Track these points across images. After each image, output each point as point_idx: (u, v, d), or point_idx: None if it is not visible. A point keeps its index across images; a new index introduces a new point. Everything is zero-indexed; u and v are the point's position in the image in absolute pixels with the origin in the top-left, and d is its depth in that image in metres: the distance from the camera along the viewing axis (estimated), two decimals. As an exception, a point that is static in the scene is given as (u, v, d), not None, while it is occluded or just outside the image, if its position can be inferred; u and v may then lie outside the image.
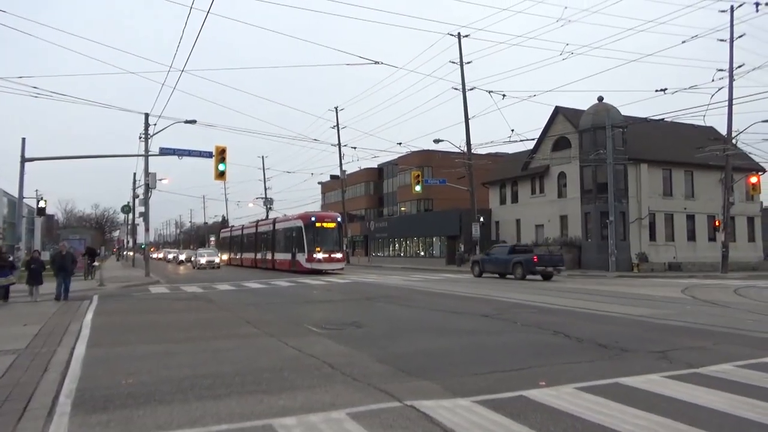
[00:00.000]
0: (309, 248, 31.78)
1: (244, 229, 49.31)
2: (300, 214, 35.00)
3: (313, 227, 32.40)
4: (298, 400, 5.51)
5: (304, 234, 32.24)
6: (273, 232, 38.86)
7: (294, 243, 33.66)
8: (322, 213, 36.27)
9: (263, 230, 41.98)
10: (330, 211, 40.38)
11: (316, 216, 33.34)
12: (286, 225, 36.32)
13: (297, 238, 33.15)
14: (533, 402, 5.35)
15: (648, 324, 10.88)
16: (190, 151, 25.65)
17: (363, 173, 72.01)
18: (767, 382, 6.07)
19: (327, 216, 34.21)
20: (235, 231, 53.37)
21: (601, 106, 35.18)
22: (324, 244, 32.33)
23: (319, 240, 32.27)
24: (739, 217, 40.35)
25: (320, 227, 32.62)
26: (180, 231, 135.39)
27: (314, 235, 32.12)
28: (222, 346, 8.72)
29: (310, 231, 32.17)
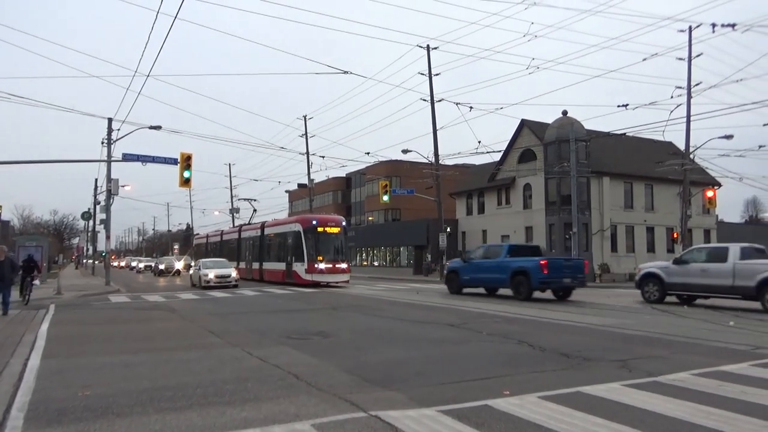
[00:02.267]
0: (309, 257, 27.21)
1: (224, 234, 43.83)
2: (297, 217, 31.40)
3: (314, 232, 27.90)
4: (262, 412, 5.42)
5: (303, 240, 27.67)
6: (261, 238, 34.08)
7: (290, 251, 29.02)
8: (324, 216, 31.03)
9: (248, 236, 36.76)
10: (333, 214, 35.17)
11: (317, 219, 28.87)
12: (279, 230, 31.57)
13: (294, 244, 28.56)
14: (497, 411, 5.38)
15: (609, 333, 11.10)
16: (154, 158, 25.15)
17: (331, 182, 71.88)
18: (722, 390, 6.24)
19: (330, 219, 29.48)
20: (213, 237, 47.35)
21: (565, 120, 35.98)
22: (327, 252, 27.79)
23: (321, 247, 27.83)
24: (696, 230, 41.65)
25: (322, 232, 28.12)
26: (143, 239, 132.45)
27: (315, 242, 27.69)
28: (184, 357, 8.53)
29: (311, 237, 27.75)
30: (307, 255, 27.32)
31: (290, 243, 29.11)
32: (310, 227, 28.07)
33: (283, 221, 33.18)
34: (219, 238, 44.53)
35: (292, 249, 28.79)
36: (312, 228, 28.00)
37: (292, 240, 28.88)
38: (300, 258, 27.76)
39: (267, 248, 33.08)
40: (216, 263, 30.46)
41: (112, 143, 29.30)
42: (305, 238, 27.72)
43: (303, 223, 28.67)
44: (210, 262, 30.99)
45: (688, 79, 30.28)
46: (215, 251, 43.77)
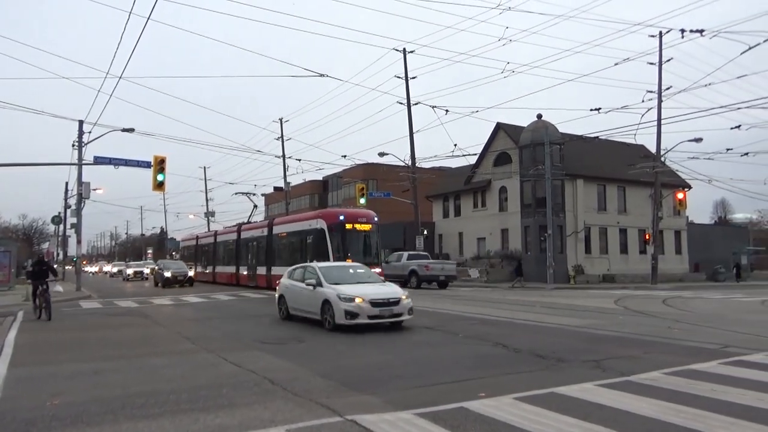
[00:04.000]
0: (336, 259, 22.23)
1: (219, 235, 38.23)
2: (320, 212, 26.13)
3: (341, 230, 23.32)
4: (236, 418, 5.35)
5: (327, 239, 23.06)
6: (269, 238, 29.15)
7: (309, 252, 24.08)
8: (352, 210, 26.16)
9: (251, 236, 31.70)
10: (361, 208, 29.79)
11: (345, 214, 24.14)
12: (294, 228, 26.75)
13: (315, 245, 23.83)
14: (473, 413, 5.41)
15: (583, 334, 11.24)
16: (127, 161, 24.72)
17: (307, 185, 71.55)
18: (692, 388, 6.37)
19: (360, 214, 24.64)
20: (205, 238, 41.86)
21: (540, 123, 36.44)
22: (357, 254, 22.82)
23: (351, 248, 23.23)
24: (667, 231, 42.49)
25: (351, 230, 23.52)
26: (115, 243, 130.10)
27: (342, 241, 23.17)
28: (157, 364, 8.39)
29: (337, 235, 23.18)
30: (332, 256, 22.41)
31: (310, 243, 24.53)
32: (336, 224, 23.39)
33: (300, 217, 28.21)
34: (212, 239, 39.08)
35: (312, 250, 23.94)
36: (339, 225, 23.37)
37: (313, 239, 24.12)
38: (324, 260, 22.37)
39: (277, 250, 28.28)
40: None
41: (84, 146, 28.73)
42: (330, 237, 23.09)
43: (327, 218, 23.81)
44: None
45: (658, 83, 30.95)
46: (207, 255, 39.02)
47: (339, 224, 23.40)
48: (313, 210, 55.33)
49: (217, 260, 36.94)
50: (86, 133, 28.98)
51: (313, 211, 28.20)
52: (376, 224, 24.45)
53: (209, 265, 38.53)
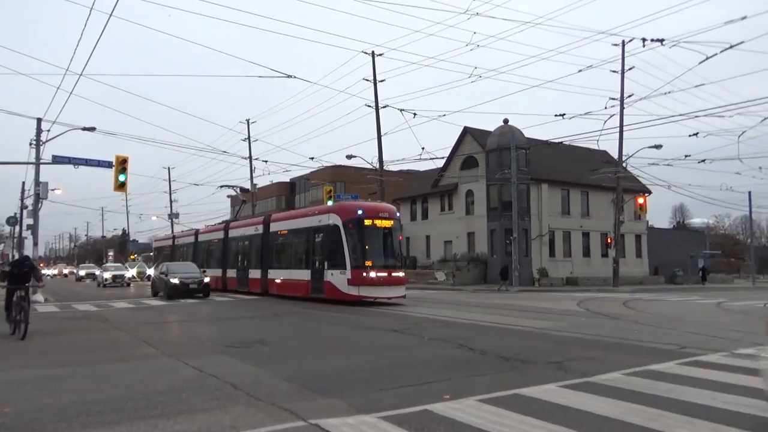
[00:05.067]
0: (354, 262, 19.27)
1: (201, 234, 34.41)
2: (333, 206, 23.03)
3: (359, 226, 19.80)
4: (196, 424, 5.22)
5: (343, 237, 19.66)
6: (265, 236, 25.57)
7: (319, 253, 21.09)
8: (371, 204, 22.22)
9: (242, 235, 28.18)
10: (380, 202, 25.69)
11: (363, 208, 20.52)
12: (299, 224, 23.03)
13: (327, 244, 20.56)
14: (437, 416, 5.40)
15: (546, 336, 11.40)
16: (87, 160, 24.03)
17: (275, 187, 70.89)
18: (651, 388, 6.50)
19: (381, 208, 21.05)
20: (183, 238, 37.44)
21: (506, 128, 36.94)
22: (377, 255, 20.07)
23: (370, 248, 20.04)
24: (628, 235, 43.57)
25: (371, 226, 20.01)
26: (74, 245, 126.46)
27: (361, 240, 19.84)
28: (115, 369, 8.14)
29: (355, 232, 19.75)
30: (350, 259, 19.27)
31: (319, 242, 21.28)
32: (353, 219, 19.89)
33: (305, 212, 24.42)
34: (192, 239, 35.58)
35: (323, 250, 20.84)
36: (356, 220, 19.87)
37: (325, 238, 20.77)
38: (338, 263, 19.64)
39: (275, 250, 24.98)
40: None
41: (42, 145, 27.83)
42: (346, 235, 19.65)
43: (343, 213, 20.37)
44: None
45: (621, 90, 31.75)
46: (186, 257, 34.54)
47: (357, 220, 19.82)
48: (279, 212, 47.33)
49: (199, 263, 32.50)
50: (45, 132, 28.06)
51: (324, 205, 24.90)
52: (398, 220, 21.24)
53: None
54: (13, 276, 12.04)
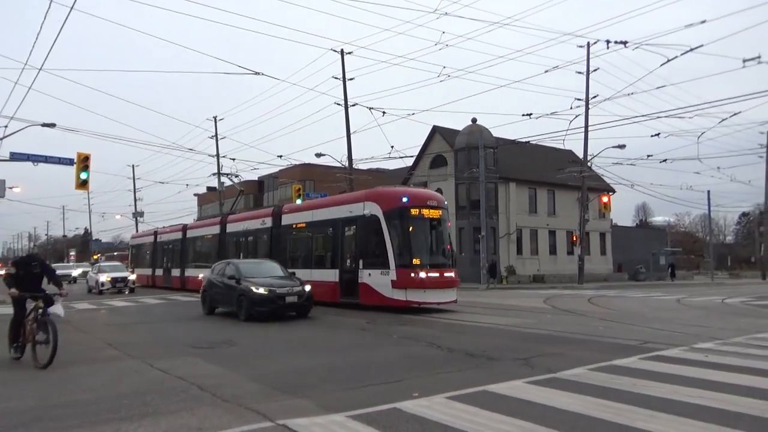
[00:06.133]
0: (400, 260, 15.87)
1: (190, 230, 30.85)
2: (370, 193, 17.96)
3: (404, 217, 16.41)
4: (161, 426, 5.12)
5: (386, 230, 16.21)
6: (274, 231, 22.11)
7: (354, 250, 17.50)
8: (417, 190, 18.60)
9: (244, 230, 24.67)
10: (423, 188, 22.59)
11: (408, 195, 16.98)
12: (326, 216, 19.21)
13: (365, 239, 17.12)
14: (406, 414, 5.42)
15: (513, 333, 11.55)
16: (47, 157, 23.33)
17: (242, 185, 70.00)
18: (614, 383, 6.65)
19: (429, 196, 17.64)
20: (168, 234, 33.44)
21: (474, 127, 37.28)
22: (426, 252, 16.77)
23: (419, 243, 16.68)
24: (593, 233, 44.48)
25: (418, 217, 16.61)
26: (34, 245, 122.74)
27: (407, 234, 16.41)
28: (76, 372, 7.93)
29: (398, 224, 16.36)
30: (394, 256, 15.95)
31: (352, 236, 17.82)
32: (397, 208, 16.46)
33: (331, 201, 20.38)
34: (179, 235, 31.52)
35: (357, 246, 17.40)
36: (401, 209, 16.45)
37: (360, 230, 17.34)
38: (378, 261, 16.25)
39: (291, 246, 21.42)
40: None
41: (-2, 141, 26.89)
42: (389, 227, 16.22)
43: (383, 200, 16.83)
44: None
45: (586, 91, 32.35)
46: (172, 255, 31.71)
47: (401, 209, 16.44)
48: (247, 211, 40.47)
49: (189, 262, 29.59)
50: (2, 128, 27.13)
51: (357, 192, 20.12)
52: (446, 209, 17.79)
53: (175, 268, 31.20)
54: (20, 280, 8.83)
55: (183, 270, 30.16)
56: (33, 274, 9.06)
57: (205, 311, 16.30)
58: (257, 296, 14.20)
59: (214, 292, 16.20)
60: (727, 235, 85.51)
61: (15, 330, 8.89)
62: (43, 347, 8.26)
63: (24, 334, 8.76)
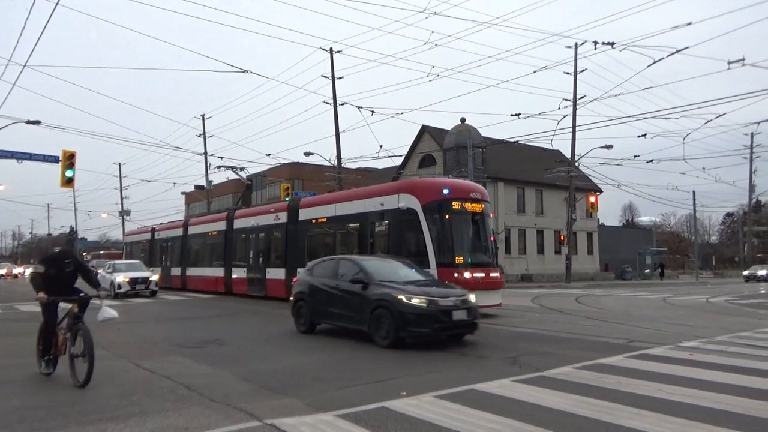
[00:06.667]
0: (442, 258, 14.37)
1: (192, 226, 28.69)
2: (406, 183, 17.03)
3: (446, 211, 14.81)
4: (148, 427, 5.08)
5: (425, 225, 14.61)
6: (289, 227, 20.36)
7: (387, 247, 15.81)
8: (458, 181, 17.01)
9: (253, 225, 22.67)
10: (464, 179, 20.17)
11: (450, 186, 15.42)
12: (351, 209, 17.56)
13: (400, 234, 15.58)
14: (394, 413, 5.42)
15: (502, 332, 11.60)
16: (32, 155, 23.06)
17: (230, 184, 69.68)
18: (601, 381, 6.70)
19: (472, 187, 15.97)
20: (167, 231, 31.36)
21: (463, 127, 37.36)
22: (470, 250, 15.14)
23: (462, 240, 15.14)
24: (581, 233, 44.80)
25: (460, 211, 15.04)
26: (18, 243, 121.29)
27: (449, 230, 14.85)
28: (61, 372, 7.81)
29: (439, 219, 14.77)
30: (435, 254, 14.33)
31: (384, 232, 16.14)
32: (438, 201, 14.86)
33: (361, 193, 18.00)
34: (179, 231, 29.37)
35: (392, 244, 15.66)
36: (442, 202, 14.86)
37: (394, 225, 15.68)
38: (420, 260, 13.96)
39: (310, 244, 19.55)
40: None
41: (-18, 138, 26.55)
42: (428, 222, 14.61)
43: (421, 192, 15.20)
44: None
45: (574, 92, 32.56)
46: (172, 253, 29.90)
47: (442, 202, 14.81)
48: None
49: (190, 260, 27.69)
50: (-15, 125, 26.81)
51: (391, 183, 18.07)
52: (489, 203, 16.18)
53: (175, 267, 29.35)
54: (50, 281, 7.34)
55: (184, 269, 28.24)
56: (65, 274, 7.52)
57: (302, 328, 11.68)
58: (412, 311, 9.39)
59: (319, 300, 11.43)
60: (712, 235, 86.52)
61: (45, 340, 7.45)
62: (79, 361, 6.84)
63: (56, 345, 7.36)
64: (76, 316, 7.16)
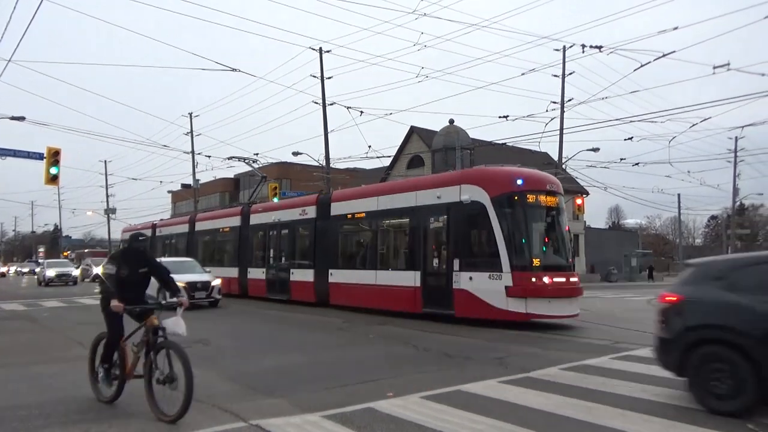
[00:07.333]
0: (517, 260, 12.44)
1: (199, 222, 26.51)
2: (470, 174, 14.84)
3: (520, 206, 12.98)
4: (131, 428, 5.06)
5: (495, 221, 12.65)
6: (318, 223, 18.36)
7: (447, 246, 13.77)
8: (529, 171, 14.50)
9: (274, 221, 20.62)
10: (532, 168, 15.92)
11: (523, 177, 13.41)
12: (407, 202, 15.06)
13: (465, 230, 13.52)
14: (381, 413, 5.43)
15: (489, 333, 11.63)
16: (15, 152, 22.76)
17: (218, 183, 69.30)
18: (585, 382, 6.76)
19: (547, 179, 14.11)
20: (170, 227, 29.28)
21: (451, 128, 37.47)
22: (548, 251, 13.58)
23: (537, 238, 13.43)
24: (567, 235, 45.02)
25: (535, 205, 13.28)
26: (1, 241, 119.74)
27: (525, 227, 13.03)
28: (44, 372, 7.74)
29: (512, 215, 12.87)
30: (509, 255, 12.38)
31: (445, 228, 14.03)
32: (510, 194, 12.96)
33: (412, 184, 15.83)
34: (185, 227, 27.34)
35: (453, 242, 13.61)
36: (516, 195, 12.96)
37: (456, 221, 13.62)
38: (486, 262, 12.77)
39: (341, 243, 17.93)
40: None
41: (-35, 134, 26.18)
42: (499, 217, 12.68)
43: (489, 183, 13.24)
44: None
45: (561, 94, 32.76)
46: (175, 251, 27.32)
47: (515, 195, 12.93)
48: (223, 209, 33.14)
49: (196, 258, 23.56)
50: (-32, 120, 26.43)
51: (450, 173, 15.87)
52: (563, 197, 14.40)
53: None
54: (125, 285, 5.95)
55: None
56: (139, 275, 6.12)
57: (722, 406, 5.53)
58: None
59: None
60: (696, 237, 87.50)
61: (107, 356, 6.01)
62: (165, 388, 5.34)
63: (124, 364, 5.88)
64: (155, 330, 5.65)
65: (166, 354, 5.43)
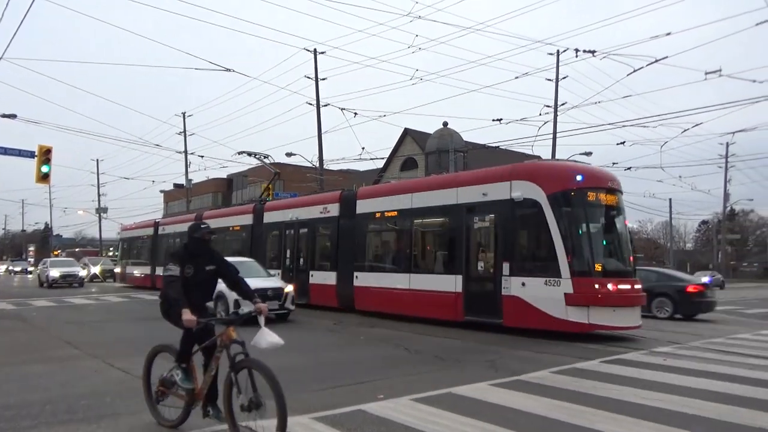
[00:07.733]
0: (576, 264, 11.21)
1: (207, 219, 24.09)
2: (521, 168, 12.73)
3: (582, 204, 11.87)
4: (120, 428, 5.01)
5: (552, 221, 11.41)
6: (346, 221, 17.03)
7: (497, 248, 12.49)
8: (588, 166, 13.57)
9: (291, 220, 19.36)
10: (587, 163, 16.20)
11: (582, 173, 12.17)
12: (446, 199, 13.83)
13: (516, 231, 12.33)
14: (371, 415, 5.41)
15: (481, 335, 11.63)
16: (6, 149, 22.57)
17: (211, 183, 69.06)
18: (576, 385, 6.77)
19: (607, 175, 12.93)
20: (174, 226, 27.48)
21: (445, 131, 37.57)
22: (610, 255, 12.38)
23: (599, 241, 12.22)
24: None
25: (595, 204, 12.12)
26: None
27: (585, 228, 11.90)
28: (32, 372, 7.67)
29: (571, 214, 11.72)
30: (568, 259, 11.20)
31: (492, 229, 12.86)
32: (568, 191, 11.83)
33: (451, 180, 14.61)
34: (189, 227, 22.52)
35: (502, 243, 12.38)
36: (575, 193, 11.85)
37: (506, 221, 12.39)
38: (542, 266, 11.63)
39: (373, 241, 16.65)
40: None
41: (-45, 131, 25.95)
42: (557, 217, 11.47)
43: (545, 179, 11.99)
44: None
45: (555, 98, 32.89)
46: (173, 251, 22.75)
47: (575, 193, 11.81)
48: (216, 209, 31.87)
49: None
50: (-42, 117, 26.20)
51: (497, 168, 13.40)
52: (623, 196, 12.98)
53: None
54: (189, 287, 5.02)
55: None
56: (207, 274, 5.15)
57: None
58: None
59: None
60: (687, 242, 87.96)
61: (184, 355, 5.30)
62: (252, 415, 4.63)
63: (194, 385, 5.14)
64: (234, 344, 4.77)
65: (248, 374, 4.60)
